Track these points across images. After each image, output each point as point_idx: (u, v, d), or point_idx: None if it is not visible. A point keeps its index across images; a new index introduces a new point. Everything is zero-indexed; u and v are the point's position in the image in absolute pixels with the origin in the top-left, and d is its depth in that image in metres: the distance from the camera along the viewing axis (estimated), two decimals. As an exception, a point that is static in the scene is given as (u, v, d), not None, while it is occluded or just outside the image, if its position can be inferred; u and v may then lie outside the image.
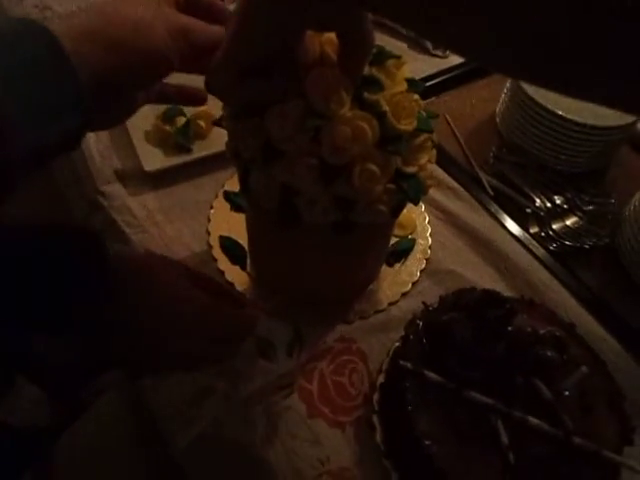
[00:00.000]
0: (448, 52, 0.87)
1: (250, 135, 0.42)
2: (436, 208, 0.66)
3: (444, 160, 0.68)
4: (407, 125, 0.41)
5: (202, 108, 0.70)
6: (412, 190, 0.43)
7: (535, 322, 0.50)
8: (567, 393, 0.47)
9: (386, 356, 0.53)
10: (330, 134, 0.39)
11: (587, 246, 0.64)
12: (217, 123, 0.47)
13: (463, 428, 0.45)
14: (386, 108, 0.40)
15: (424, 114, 0.44)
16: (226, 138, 0.46)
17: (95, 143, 0.68)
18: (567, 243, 0.64)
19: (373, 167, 0.40)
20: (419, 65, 0.84)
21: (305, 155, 0.40)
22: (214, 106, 0.47)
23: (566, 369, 0.48)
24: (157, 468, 0.71)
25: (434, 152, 0.46)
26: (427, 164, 0.45)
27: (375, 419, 0.49)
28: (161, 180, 0.66)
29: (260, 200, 0.44)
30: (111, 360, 0.44)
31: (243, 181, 0.45)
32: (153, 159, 0.66)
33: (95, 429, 0.81)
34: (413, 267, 0.60)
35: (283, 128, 0.39)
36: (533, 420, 0.45)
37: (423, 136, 0.43)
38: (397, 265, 0.61)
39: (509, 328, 0.48)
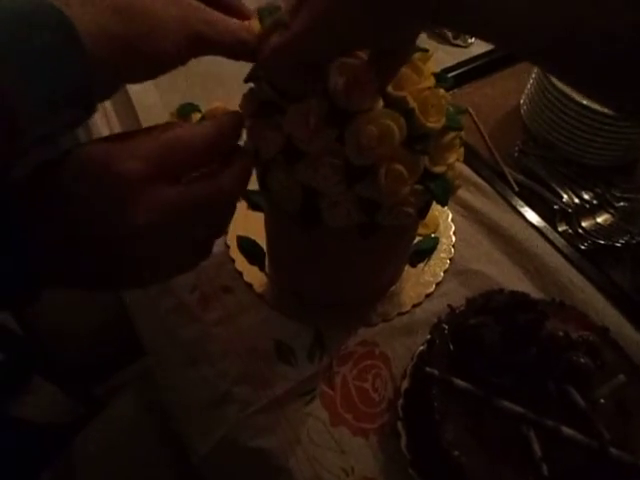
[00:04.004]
0: (470, 41, 0.84)
1: (270, 135, 0.40)
2: (459, 205, 0.64)
3: (467, 155, 0.65)
4: (436, 123, 0.39)
5: (218, 104, 0.68)
6: (440, 191, 0.41)
7: (567, 326, 0.48)
8: (602, 401, 0.45)
9: (410, 360, 0.51)
10: (355, 133, 0.37)
11: (619, 244, 0.61)
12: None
13: (493, 438, 0.43)
14: (413, 105, 0.38)
15: (452, 110, 0.42)
16: (244, 135, 0.44)
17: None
18: (598, 241, 0.61)
19: (400, 167, 0.38)
20: (439, 55, 0.81)
21: (328, 155, 0.38)
22: (230, 102, 0.46)
23: (600, 376, 0.46)
24: (176, 466, 0.70)
25: (462, 150, 0.44)
26: (455, 163, 0.43)
27: (400, 426, 0.47)
28: (177, 179, 0.64)
29: (280, 202, 0.42)
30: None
31: (262, 182, 0.43)
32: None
33: (114, 427, 0.81)
34: (437, 267, 0.58)
35: (305, 127, 0.37)
36: (567, 430, 0.43)
37: (452, 134, 0.41)
38: (420, 265, 0.59)
39: (540, 332, 0.46)
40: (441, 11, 0.29)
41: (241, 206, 0.62)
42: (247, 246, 0.59)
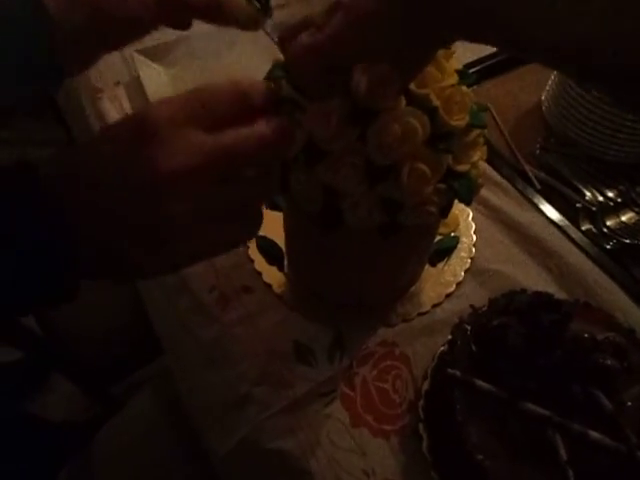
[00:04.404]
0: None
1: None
2: (480, 204, 0.63)
3: (487, 153, 0.65)
4: (459, 121, 0.38)
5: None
6: (464, 190, 0.40)
7: (592, 327, 0.47)
8: (629, 404, 0.44)
9: (431, 361, 0.51)
10: (377, 133, 0.36)
11: (644, 243, 0.60)
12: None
13: (517, 442, 0.42)
14: (437, 103, 0.38)
15: (475, 108, 0.41)
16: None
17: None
18: (622, 240, 0.60)
19: (423, 167, 0.37)
20: (459, 51, 0.79)
21: (350, 155, 0.38)
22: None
23: (627, 378, 0.45)
24: (194, 466, 0.70)
25: (485, 148, 0.43)
26: (479, 162, 0.42)
27: (421, 428, 0.47)
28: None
29: (301, 202, 0.42)
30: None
31: (283, 182, 0.43)
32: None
33: (131, 426, 0.81)
34: (457, 267, 0.58)
35: (327, 127, 0.37)
36: (593, 434, 0.42)
37: (475, 132, 0.41)
38: (440, 265, 0.58)
39: (565, 334, 0.46)
40: (472, 27, 0.28)
41: (259, 206, 0.62)
42: (266, 246, 0.59)
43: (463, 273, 0.57)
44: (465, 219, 0.61)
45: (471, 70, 0.75)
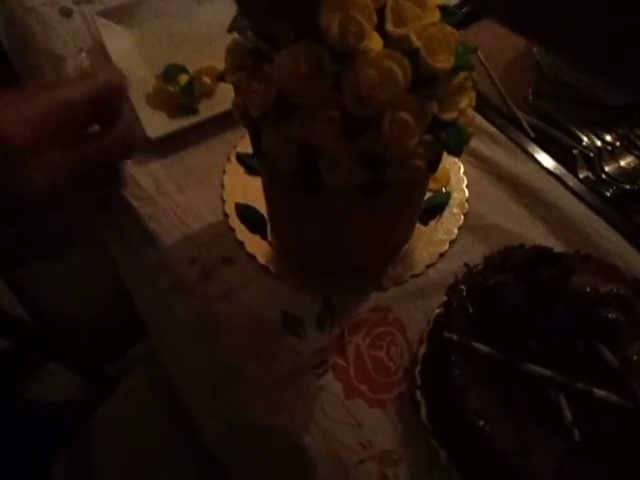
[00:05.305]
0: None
1: (259, 88, 0.36)
2: (471, 156, 0.59)
3: (477, 101, 0.61)
4: (444, 63, 0.34)
5: (206, 63, 0.63)
6: (452, 140, 0.36)
7: (595, 280, 0.45)
8: (636, 358, 0.42)
9: (426, 325, 0.48)
10: (353, 80, 0.33)
11: (645, 188, 0.57)
12: (221, 78, 0.41)
13: (519, 405, 0.40)
14: (418, 43, 0.34)
15: (461, 48, 0.37)
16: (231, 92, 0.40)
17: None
18: (622, 186, 0.57)
19: (406, 116, 0.34)
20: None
21: (324, 107, 0.34)
22: (219, 59, 0.41)
23: (633, 331, 0.43)
24: (191, 444, 0.69)
25: (474, 94, 0.40)
26: (467, 108, 0.38)
27: (419, 394, 0.45)
28: (167, 146, 0.60)
29: (276, 163, 0.38)
30: None
31: (255, 142, 0.39)
32: (156, 124, 0.60)
33: (126, 403, 0.81)
34: (450, 224, 0.55)
35: (296, 76, 0.33)
36: (599, 392, 0.40)
37: (462, 75, 0.37)
38: (432, 223, 0.55)
39: (566, 289, 0.43)
40: None
41: (238, 171, 0.59)
42: (247, 214, 0.55)
43: (457, 230, 0.54)
44: (456, 173, 0.58)
45: (457, 13, 0.70)
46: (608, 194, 0.56)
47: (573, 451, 0.38)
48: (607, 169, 0.59)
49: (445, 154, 0.39)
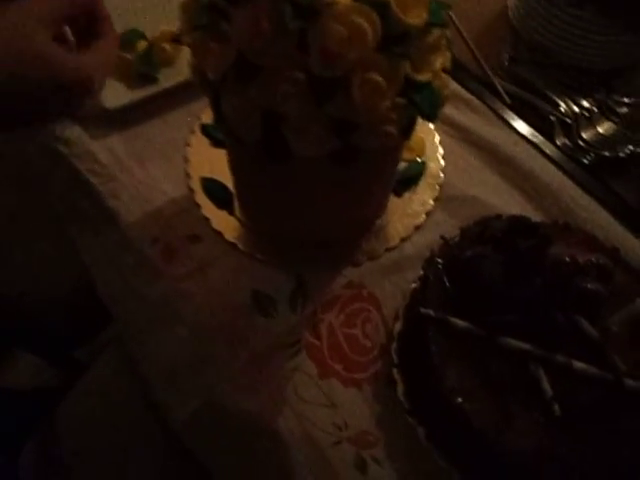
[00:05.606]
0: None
1: (217, 48, 0.33)
2: (446, 124, 0.57)
3: (451, 65, 0.59)
4: (416, 18, 0.32)
5: (165, 28, 0.59)
6: (426, 103, 0.34)
7: (573, 250, 0.44)
8: (615, 329, 0.41)
9: (402, 300, 0.47)
10: (319, 37, 0.30)
11: (623, 155, 0.56)
12: (177, 39, 0.38)
13: (498, 380, 0.39)
14: (388, -4, 0.31)
15: (434, 4, 0.35)
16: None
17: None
18: (600, 153, 0.55)
19: (376, 77, 0.31)
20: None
21: (288, 68, 0.31)
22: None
23: (613, 302, 0.42)
24: (160, 425, 0.67)
25: (448, 55, 0.37)
26: (441, 71, 0.36)
27: (395, 373, 0.43)
28: (126, 118, 0.56)
29: (238, 131, 0.36)
30: None
31: (215, 109, 0.37)
32: (114, 94, 0.56)
33: (95, 388, 0.78)
34: (425, 195, 0.53)
35: (257, 34, 0.30)
36: (578, 364, 0.39)
37: (435, 32, 0.34)
38: (406, 194, 0.53)
39: (544, 259, 0.42)
40: None
41: (203, 144, 0.56)
42: (213, 189, 0.52)
43: (432, 202, 0.52)
44: (431, 142, 0.56)
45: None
46: (586, 161, 0.55)
47: (553, 425, 0.37)
48: (585, 136, 0.57)
49: (419, 120, 0.37)
